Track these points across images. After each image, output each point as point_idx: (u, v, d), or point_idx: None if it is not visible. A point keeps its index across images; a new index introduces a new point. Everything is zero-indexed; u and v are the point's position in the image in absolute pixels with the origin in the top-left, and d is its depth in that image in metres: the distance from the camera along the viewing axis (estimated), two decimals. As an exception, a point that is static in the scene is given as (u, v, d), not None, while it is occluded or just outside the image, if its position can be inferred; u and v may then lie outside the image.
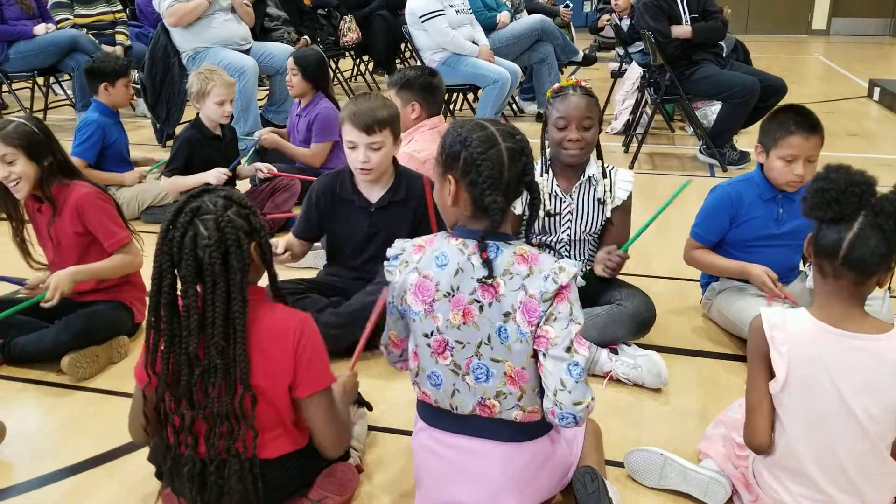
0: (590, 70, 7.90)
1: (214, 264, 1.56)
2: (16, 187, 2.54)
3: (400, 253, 1.74)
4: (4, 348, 2.57)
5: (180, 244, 1.56)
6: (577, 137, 2.48)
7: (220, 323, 1.58)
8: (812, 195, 1.59)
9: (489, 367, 1.65)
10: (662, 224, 3.91)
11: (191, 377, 1.61)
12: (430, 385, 1.72)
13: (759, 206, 2.61)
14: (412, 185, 2.71)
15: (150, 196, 4.09)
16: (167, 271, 1.59)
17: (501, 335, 1.62)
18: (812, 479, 1.67)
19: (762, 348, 1.67)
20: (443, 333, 1.67)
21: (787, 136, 2.47)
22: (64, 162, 2.61)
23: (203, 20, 5.09)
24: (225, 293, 1.57)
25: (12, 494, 2.00)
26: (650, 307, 2.57)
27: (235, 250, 1.58)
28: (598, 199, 2.61)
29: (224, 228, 1.58)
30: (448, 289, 1.64)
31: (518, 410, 1.67)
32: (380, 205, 2.68)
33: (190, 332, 1.59)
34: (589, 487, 1.74)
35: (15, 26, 5.88)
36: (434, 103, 3.40)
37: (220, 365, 1.60)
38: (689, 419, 2.27)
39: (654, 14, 4.85)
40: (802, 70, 9.43)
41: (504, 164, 1.60)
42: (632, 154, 5.14)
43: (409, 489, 1.96)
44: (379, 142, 2.55)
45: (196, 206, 1.60)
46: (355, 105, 2.57)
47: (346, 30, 7.52)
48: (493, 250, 1.62)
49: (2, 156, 2.49)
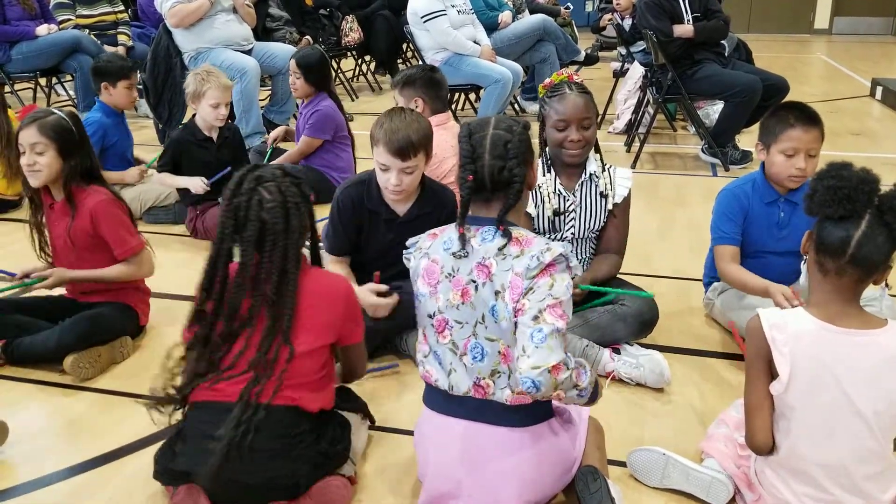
0: (592, 69, 7.90)
1: (277, 224, 1.74)
2: (34, 175, 2.54)
3: (416, 241, 1.88)
4: (7, 349, 2.57)
5: (247, 207, 1.74)
6: (577, 138, 2.49)
7: (276, 279, 1.76)
8: (822, 192, 1.58)
9: (484, 347, 1.71)
10: (664, 223, 3.93)
11: (231, 327, 1.77)
12: (435, 363, 1.80)
13: (761, 210, 2.60)
14: (439, 197, 2.63)
15: (151, 196, 4.09)
16: (229, 236, 1.77)
17: (494, 313, 1.69)
18: (816, 479, 1.67)
19: (762, 349, 1.67)
20: (443, 313, 1.76)
21: (787, 130, 2.46)
22: (90, 166, 2.62)
23: (205, 21, 5.09)
24: (283, 251, 1.75)
25: (15, 494, 2.00)
26: (653, 307, 2.57)
27: (295, 212, 1.77)
28: (601, 193, 2.61)
29: (286, 192, 1.77)
30: (450, 270, 1.75)
31: (508, 390, 1.70)
32: (407, 218, 2.59)
33: (240, 287, 1.77)
34: (591, 487, 1.74)
35: (17, 27, 5.89)
36: (438, 98, 3.39)
37: (269, 314, 1.76)
38: (691, 418, 2.27)
39: (656, 13, 4.85)
40: (805, 69, 9.42)
41: (477, 146, 1.72)
42: (634, 154, 5.14)
43: (412, 489, 1.96)
44: (413, 166, 2.45)
45: (258, 175, 1.78)
46: (389, 125, 2.42)
47: (348, 30, 7.53)
48: (489, 233, 1.72)
49: (33, 144, 2.51)
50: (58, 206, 2.63)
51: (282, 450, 1.77)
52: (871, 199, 1.54)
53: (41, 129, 2.51)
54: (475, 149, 1.72)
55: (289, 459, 1.78)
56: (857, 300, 1.64)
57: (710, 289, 2.82)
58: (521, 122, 1.79)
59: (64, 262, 2.65)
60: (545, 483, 1.78)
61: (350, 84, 7.70)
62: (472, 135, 1.74)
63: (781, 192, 2.58)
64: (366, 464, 2.08)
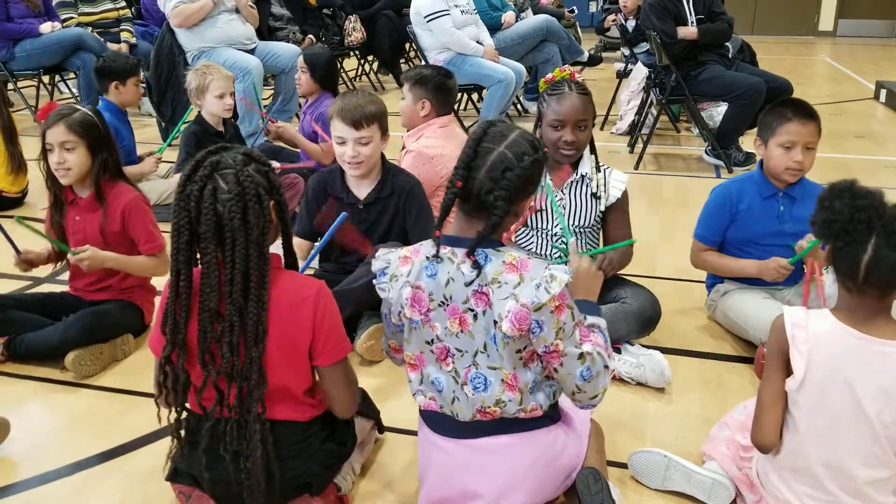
0: (595, 70, 7.89)
1: (234, 219, 1.53)
2: (65, 174, 2.53)
3: (385, 266, 1.73)
4: (10, 345, 2.57)
5: (199, 198, 1.53)
6: (572, 139, 2.49)
7: (239, 280, 1.56)
8: (819, 226, 1.58)
9: (487, 376, 1.66)
10: (667, 225, 3.92)
11: (213, 333, 1.59)
12: (435, 390, 1.73)
13: (759, 204, 2.61)
14: (398, 180, 2.76)
15: (154, 195, 4.08)
16: (185, 227, 1.56)
17: (497, 342, 1.63)
18: (818, 479, 1.66)
19: (782, 347, 1.66)
20: (443, 341, 1.68)
21: (784, 123, 2.50)
22: (116, 161, 2.63)
23: (208, 20, 5.11)
24: (244, 250, 1.55)
25: (16, 491, 2.01)
26: (655, 305, 2.57)
27: (255, 206, 1.56)
28: (593, 194, 2.61)
29: (244, 182, 1.55)
30: (441, 298, 1.65)
31: (521, 412, 1.69)
32: (367, 201, 2.73)
33: (211, 289, 1.57)
34: (592, 489, 1.73)
35: (21, 24, 5.89)
36: (445, 104, 3.41)
37: (237, 322, 1.58)
38: (692, 420, 2.27)
39: (660, 14, 4.85)
40: (809, 71, 9.40)
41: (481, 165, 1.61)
42: (637, 155, 5.13)
43: (412, 489, 1.96)
44: (367, 136, 2.61)
45: (216, 161, 1.57)
46: (343, 101, 2.63)
47: (351, 29, 7.53)
48: (480, 257, 1.61)
49: (63, 142, 2.50)
50: (83, 202, 2.62)
51: (289, 454, 1.72)
52: (872, 225, 1.52)
53: (70, 126, 2.50)
54: (476, 157, 1.61)
55: (299, 460, 1.73)
56: (887, 310, 1.61)
57: (713, 290, 2.82)
58: (541, 148, 1.65)
59: None
60: (548, 486, 1.78)
61: (353, 84, 7.70)
62: (481, 142, 1.61)
63: (780, 186, 2.60)
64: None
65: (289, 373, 1.68)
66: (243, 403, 1.62)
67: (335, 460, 1.84)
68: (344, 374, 1.75)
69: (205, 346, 1.60)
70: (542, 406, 1.70)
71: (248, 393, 1.61)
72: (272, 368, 1.64)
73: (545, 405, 1.71)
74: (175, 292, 1.61)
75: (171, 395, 1.66)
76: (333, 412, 1.78)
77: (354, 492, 1.96)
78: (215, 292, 1.57)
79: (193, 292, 1.61)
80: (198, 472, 1.72)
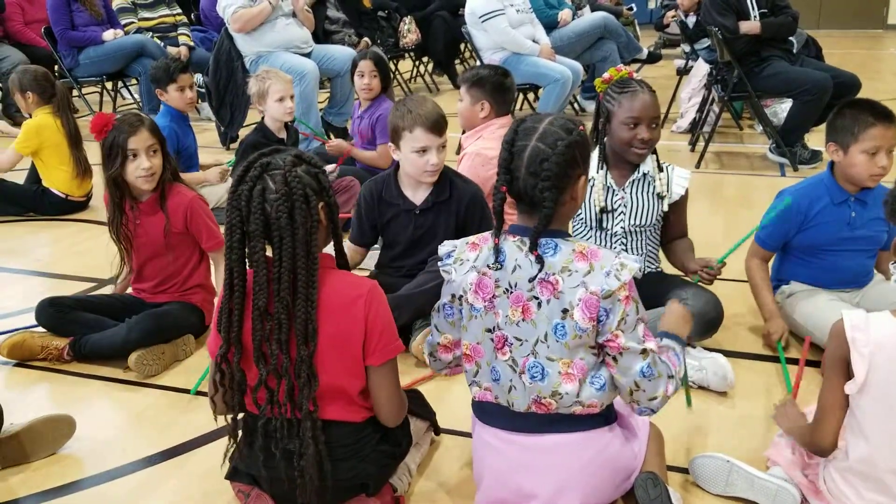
0: (655, 67, 7.75)
1: (280, 218, 1.57)
2: (150, 178, 2.58)
3: (452, 251, 1.74)
4: (75, 346, 2.64)
5: (248, 198, 1.58)
6: (648, 137, 2.46)
7: (287, 278, 1.58)
8: (891, 202, 1.54)
9: (544, 366, 1.64)
10: (730, 225, 3.83)
11: (263, 332, 1.61)
12: (491, 380, 1.71)
13: (831, 211, 2.53)
14: (458, 187, 2.72)
15: (213, 199, 4.15)
16: (236, 226, 1.61)
17: (558, 332, 1.61)
18: (887, 485, 1.61)
19: (842, 351, 1.61)
20: (502, 329, 1.67)
21: (868, 129, 2.39)
22: (173, 163, 2.70)
23: (265, 25, 5.19)
24: (291, 248, 1.58)
25: (82, 487, 2.06)
26: (717, 307, 2.51)
27: (301, 206, 1.58)
28: (657, 194, 2.58)
29: (291, 183, 1.58)
30: (507, 285, 1.64)
31: (578, 406, 1.66)
32: (424, 206, 2.71)
33: (260, 287, 1.60)
34: (651, 493, 1.70)
35: (85, 32, 6.06)
36: (504, 103, 3.38)
37: (285, 321, 1.60)
38: (755, 425, 2.21)
39: (721, 9, 4.74)
40: (878, 66, 9.10)
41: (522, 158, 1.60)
42: (698, 153, 5.04)
43: (468, 490, 1.94)
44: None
45: (266, 162, 1.61)
46: (418, 109, 2.58)
47: (406, 31, 7.56)
48: (549, 247, 1.61)
49: (149, 146, 2.55)
50: (143, 206, 2.66)
51: (343, 455, 1.72)
52: None
53: (151, 129, 2.56)
54: (513, 158, 1.61)
55: (354, 461, 1.74)
56: None
57: (778, 292, 2.74)
58: (575, 129, 1.62)
59: (149, 261, 2.71)
60: (605, 489, 1.74)
61: (408, 85, 7.73)
62: (514, 143, 1.61)
63: (852, 191, 2.51)
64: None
65: (343, 372, 1.68)
66: (294, 401, 1.63)
67: (390, 461, 1.84)
68: (394, 376, 1.76)
69: (257, 343, 1.62)
70: (599, 403, 1.67)
71: (299, 391, 1.62)
72: (326, 367, 1.65)
73: (603, 402, 1.67)
74: (229, 291, 1.64)
75: (228, 393, 1.68)
76: (379, 419, 1.78)
77: (410, 492, 1.95)
78: (264, 291, 1.60)
79: (247, 291, 1.64)
80: (256, 470, 1.75)
